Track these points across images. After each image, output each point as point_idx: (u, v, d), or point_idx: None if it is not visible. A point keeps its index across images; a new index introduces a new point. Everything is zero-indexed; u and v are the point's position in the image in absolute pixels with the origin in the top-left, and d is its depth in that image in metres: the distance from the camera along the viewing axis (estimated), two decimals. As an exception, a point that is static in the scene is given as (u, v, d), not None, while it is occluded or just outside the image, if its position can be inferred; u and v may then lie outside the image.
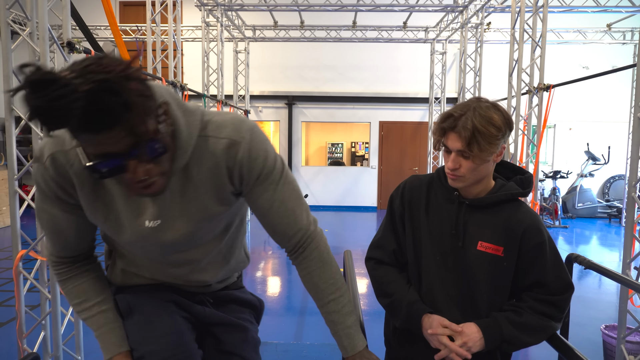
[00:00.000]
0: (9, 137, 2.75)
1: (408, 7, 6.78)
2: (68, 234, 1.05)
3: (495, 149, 1.22)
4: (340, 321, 1.11)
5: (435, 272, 1.34)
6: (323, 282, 1.11)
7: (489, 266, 1.30)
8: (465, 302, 1.32)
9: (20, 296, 2.81)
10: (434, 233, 1.35)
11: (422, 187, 1.40)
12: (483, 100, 1.25)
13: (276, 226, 1.09)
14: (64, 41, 2.83)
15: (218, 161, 0.99)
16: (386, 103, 10.54)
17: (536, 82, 4.67)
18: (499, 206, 1.32)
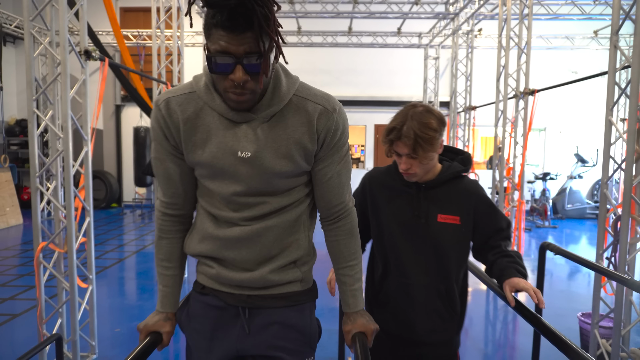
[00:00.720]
0: (31, 138, 2.98)
1: (401, 15, 7.05)
2: (176, 179, 1.24)
3: (436, 147, 1.49)
4: (350, 283, 1.34)
5: (403, 248, 1.61)
6: (347, 250, 1.34)
7: (451, 234, 1.59)
8: (431, 267, 1.60)
9: (41, 285, 3.03)
10: (398, 214, 1.62)
11: (382, 177, 1.70)
12: (418, 105, 1.52)
13: (326, 194, 1.27)
14: (81, 49, 3.06)
15: (311, 119, 1.17)
16: (381, 107, 10.81)
17: (522, 87, 4.94)
18: (448, 183, 1.61)
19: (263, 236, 1.22)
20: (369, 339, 1.29)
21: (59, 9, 2.88)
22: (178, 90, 1.18)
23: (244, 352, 1.27)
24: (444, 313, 1.62)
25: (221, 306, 1.27)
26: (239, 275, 1.23)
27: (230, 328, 1.26)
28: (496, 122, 5.21)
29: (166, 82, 4.75)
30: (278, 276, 1.25)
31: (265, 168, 1.16)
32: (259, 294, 1.25)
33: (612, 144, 3.18)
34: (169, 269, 1.32)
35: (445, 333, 1.65)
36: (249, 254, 1.22)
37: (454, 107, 7.20)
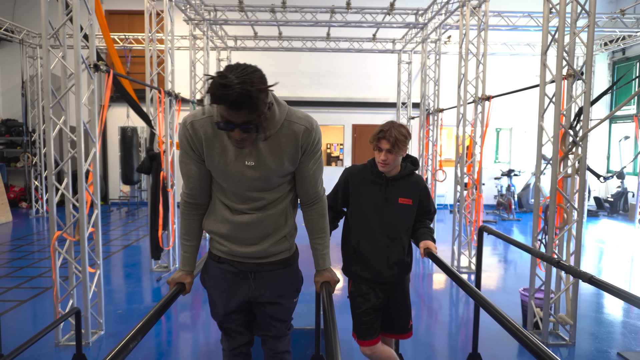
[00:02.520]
0: (48, 140, 3.42)
1: (375, 24, 7.62)
2: (196, 178, 1.72)
3: (405, 149, 2.25)
4: (320, 249, 1.91)
5: (374, 219, 2.35)
6: (318, 226, 1.90)
7: (406, 212, 2.38)
8: (392, 233, 2.36)
9: (56, 268, 3.48)
10: (372, 197, 2.35)
11: (360, 172, 2.42)
12: (395, 122, 2.28)
13: (305, 186, 1.80)
14: (90, 63, 3.51)
15: (297, 137, 1.66)
16: (358, 107, 11.39)
17: (480, 93, 5.55)
18: (405, 178, 2.39)
19: (264, 221, 1.75)
20: (332, 287, 1.89)
21: (73, 28, 3.33)
22: (198, 115, 1.67)
23: (254, 299, 1.87)
24: (400, 262, 2.38)
25: (234, 271, 1.81)
26: (246, 249, 1.77)
27: (242, 285, 1.83)
28: (457, 124, 5.82)
29: (158, 88, 5.19)
30: (275, 248, 1.79)
31: (264, 173, 1.68)
32: (261, 262, 1.80)
33: (542, 145, 3.80)
34: (188, 241, 1.86)
35: (401, 275, 2.41)
36: (254, 233, 1.75)
37: (423, 109, 7.80)
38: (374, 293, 2.38)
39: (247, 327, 1.97)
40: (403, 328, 2.47)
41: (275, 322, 1.91)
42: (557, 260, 2.17)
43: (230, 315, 1.90)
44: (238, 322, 1.93)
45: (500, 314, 1.48)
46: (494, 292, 5.02)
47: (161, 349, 3.58)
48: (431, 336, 3.86)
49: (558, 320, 3.73)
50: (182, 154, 1.72)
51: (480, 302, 1.62)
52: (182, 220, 1.84)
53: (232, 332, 1.96)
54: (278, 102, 1.64)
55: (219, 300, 1.88)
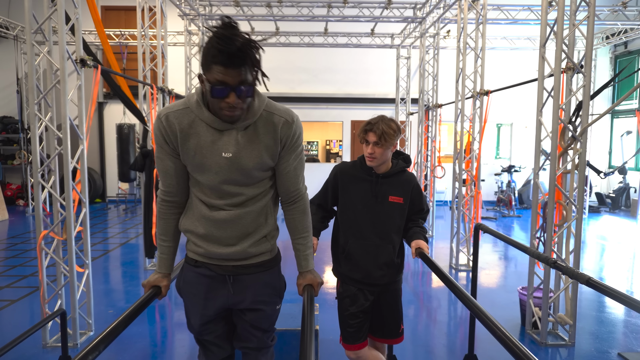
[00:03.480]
0: (33, 137, 3.33)
1: (373, 18, 7.51)
2: (172, 174, 1.64)
3: (393, 142, 2.16)
4: (302, 250, 1.80)
5: (364, 218, 2.25)
6: (300, 225, 1.79)
7: (396, 210, 2.27)
8: (382, 233, 2.26)
9: (43, 268, 3.40)
10: (361, 195, 2.26)
11: (349, 169, 2.33)
12: (385, 116, 2.19)
13: (285, 182, 1.70)
14: (77, 58, 3.42)
15: (276, 129, 1.58)
16: (357, 103, 11.28)
17: (479, 88, 5.45)
18: (396, 175, 2.29)
19: (242, 219, 1.63)
20: (315, 289, 1.78)
21: (57, 23, 3.24)
22: (174, 107, 1.59)
23: (233, 306, 1.73)
24: (390, 263, 2.28)
25: (211, 275, 1.69)
26: (224, 249, 1.64)
27: (220, 291, 1.70)
28: (455, 120, 5.72)
29: (151, 84, 5.10)
30: (254, 249, 1.67)
31: (242, 164, 1.58)
32: (241, 264, 1.68)
33: (541, 140, 3.70)
34: (165, 242, 1.76)
35: (391, 276, 2.32)
36: (232, 232, 1.63)
37: (421, 105, 7.70)
38: (362, 295, 2.29)
39: (226, 339, 1.84)
40: (394, 332, 2.37)
41: (257, 332, 1.78)
42: (554, 261, 2.08)
43: (207, 326, 1.77)
44: (216, 333, 1.80)
45: (491, 321, 1.39)
46: (492, 291, 4.94)
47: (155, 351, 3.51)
48: (428, 336, 3.78)
49: (557, 320, 3.65)
50: (157, 149, 1.63)
51: (470, 307, 1.54)
52: (159, 219, 1.75)
53: (210, 345, 1.83)
54: (257, 91, 1.56)
55: (195, 309, 1.75)
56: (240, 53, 1.33)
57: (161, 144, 1.61)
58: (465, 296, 1.62)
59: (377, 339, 2.40)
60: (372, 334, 2.39)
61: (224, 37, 1.31)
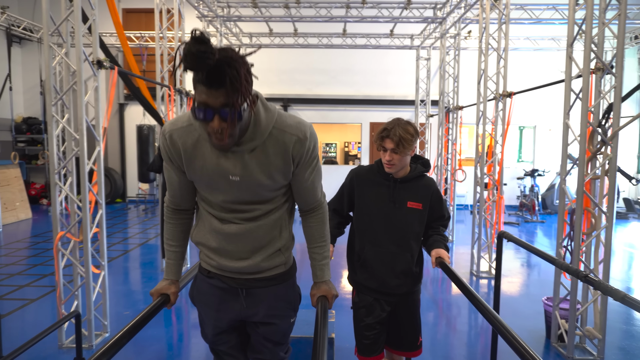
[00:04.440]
0: (50, 139, 3.34)
1: (392, 19, 7.39)
2: (176, 187, 1.59)
3: (411, 147, 2.06)
4: (319, 259, 1.73)
5: (380, 224, 2.15)
6: (318, 234, 1.72)
7: (415, 217, 2.17)
8: (400, 240, 2.16)
9: (59, 270, 3.41)
10: (377, 200, 2.17)
11: (366, 174, 2.24)
12: (402, 119, 2.08)
13: (303, 196, 1.62)
14: (94, 59, 3.42)
15: (287, 148, 1.46)
16: (376, 105, 11.16)
17: (502, 90, 5.29)
18: (415, 180, 2.19)
19: (255, 232, 1.55)
20: (329, 301, 1.69)
21: (74, 24, 3.24)
22: (178, 123, 1.49)
23: (246, 318, 1.68)
24: (408, 272, 2.18)
25: (224, 287, 1.64)
26: (236, 263, 1.58)
27: (232, 303, 1.64)
28: (477, 122, 5.56)
29: (168, 86, 5.10)
30: (268, 262, 1.60)
31: (251, 187, 1.49)
32: (254, 277, 1.61)
33: (568, 144, 3.54)
34: (172, 246, 1.71)
35: (409, 286, 2.22)
36: (244, 246, 1.56)
37: (442, 107, 7.53)
38: (379, 305, 2.20)
39: (240, 350, 1.79)
40: (412, 345, 2.27)
41: (270, 345, 1.73)
42: (585, 274, 1.95)
43: (221, 336, 1.73)
44: (230, 343, 1.75)
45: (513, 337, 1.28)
46: (515, 300, 4.76)
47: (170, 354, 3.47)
48: (447, 346, 3.65)
49: (585, 333, 3.48)
50: (164, 159, 1.57)
51: (492, 321, 1.43)
52: (166, 223, 1.70)
53: (224, 355, 1.78)
54: (266, 106, 1.44)
55: (208, 319, 1.71)
56: (219, 71, 1.17)
57: (166, 159, 1.55)
58: (486, 309, 1.52)
59: (394, 352, 2.30)
60: (388, 345, 2.30)
61: (192, 54, 1.14)
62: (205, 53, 1.13)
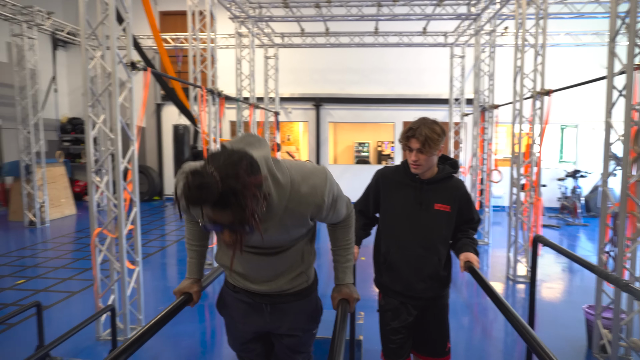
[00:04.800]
0: (87, 138, 3.47)
1: (424, 17, 7.25)
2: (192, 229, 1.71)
3: (438, 147, 2.00)
4: (342, 262, 1.73)
5: (406, 226, 2.11)
6: (342, 237, 1.72)
7: (443, 219, 2.11)
8: (426, 243, 2.10)
9: (97, 265, 3.53)
10: (404, 201, 2.12)
11: (392, 174, 2.20)
12: (428, 118, 2.03)
13: (330, 221, 1.65)
14: (128, 61, 3.52)
15: (305, 215, 1.46)
16: (409, 104, 10.98)
17: (539, 87, 5.08)
18: (443, 181, 2.13)
19: (278, 262, 1.59)
20: (350, 305, 1.69)
21: (109, 27, 3.35)
22: None
23: (270, 331, 1.75)
24: (435, 276, 2.12)
25: (249, 302, 1.70)
26: (260, 287, 1.64)
27: (257, 316, 1.70)
28: (513, 121, 5.37)
29: (201, 86, 5.20)
30: (290, 284, 1.65)
31: (272, 244, 1.53)
32: (277, 294, 1.66)
33: (611, 144, 3.35)
34: (193, 245, 1.75)
35: (437, 290, 2.16)
36: (267, 273, 1.61)
37: (477, 106, 7.32)
38: (405, 309, 2.15)
39: (265, 357, 1.86)
40: (439, 350, 2.21)
41: (294, 354, 1.79)
42: (626, 283, 1.84)
43: (246, 345, 1.81)
44: (255, 352, 1.83)
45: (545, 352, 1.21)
46: (555, 306, 4.56)
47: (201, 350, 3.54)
48: (482, 353, 3.54)
49: (630, 345, 3.28)
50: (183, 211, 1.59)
51: (523, 334, 1.36)
52: (186, 222, 1.74)
53: None
54: (277, 182, 1.35)
55: (233, 330, 1.79)
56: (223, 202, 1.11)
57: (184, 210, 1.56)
58: (514, 317, 1.45)
59: (421, 357, 2.25)
60: (415, 350, 2.25)
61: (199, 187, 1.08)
62: (205, 195, 1.09)
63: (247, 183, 1.12)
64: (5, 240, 7.13)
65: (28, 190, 8.16)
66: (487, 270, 5.90)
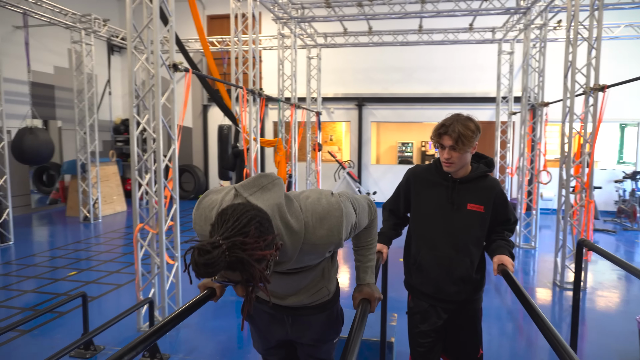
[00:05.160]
0: (132, 138, 3.63)
1: (470, 12, 7.01)
2: None
3: (472, 145, 1.91)
4: (364, 262, 1.71)
5: (438, 226, 2.04)
6: (364, 237, 1.70)
7: (476, 219, 2.03)
8: (458, 244, 2.01)
9: (138, 259, 3.69)
10: (436, 200, 2.05)
11: (423, 173, 2.13)
12: (461, 114, 1.94)
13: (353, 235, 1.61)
14: (170, 63, 3.65)
15: (322, 252, 1.43)
16: (455, 103, 10.66)
17: (592, 83, 4.78)
18: (476, 180, 2.05)
19: (298, 280, 1.60)
20: (371, 304, 1.66)
21: (153, 31, 3.48)
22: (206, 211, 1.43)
23: (292, 339, 1.78)
24: (467, 278, 2.04)
25: (271, 313, 1.73)
26: (281, 301, 1.66)
27: (279, 327, 1.74)
28: (563, 120, 5.08)
29: (242, 87, 5.31)
30: (311, 299, 1.66)
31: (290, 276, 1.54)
32: (299, 307, 1.68)
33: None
34: None
35: (469, 294, 2.07)
36: (288, 289, 1.63)
37: (525, 104, 7.00)
38: (435, 312, 2.09)
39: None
40: (470, 356, 2.12)
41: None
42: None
43: (270, 350, 1.87)
44: (280, 355, 1.89)
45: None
46: (606, 316, 4.27)
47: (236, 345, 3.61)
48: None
49: (686, 359, 3.02)
50: None
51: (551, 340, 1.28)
52: None
53: None
54: (290, 229, 1.32)
55: (257, 337, 1.84)
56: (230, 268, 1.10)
57: None
58: (547, 326, 1.36)
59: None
60: (445, 355, 2.18)
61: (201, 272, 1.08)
62: (213, 271, 1.08)
63: (255, 251, 1.10)
64: (63, 235, 7.61)
65: (83, 188, 8.67)
66: (533, 276, 5.63)
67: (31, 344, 3.52)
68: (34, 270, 5.43)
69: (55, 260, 5.89)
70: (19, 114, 8.23)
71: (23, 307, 4.29)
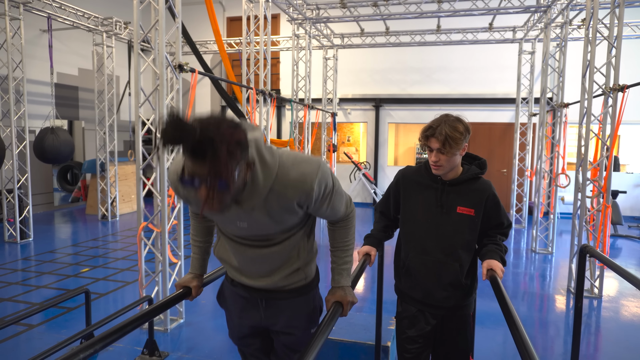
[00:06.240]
0: (137, 137, 3.68)
1: (488, 11, 6.86)
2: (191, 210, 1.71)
3: (460, 147, 1.85)
4: (339, 263, 1.65)
5: (426, 230, 1.98)
6: (340, 238, 1.65)
7: (466, 223, 1.96)
8: (447, 248, 1.96)
9: (142, 257, 3.73)
10: (425, 203, 1.99)
11: (413, 175, 2.08)
12: (450, 115, 1.88)
13: (326, 217, 1.60)
14: (175, 64, 3.69)
15: (291, 202, 1.40)
16: (474, 104, 10.46)
17: (612, 83, 4.60)
18: (467, 183, 1.98)
19: (271, 257, 1.55)
20: (344, 308, 1.60)
21: (159, 30, 3.52)
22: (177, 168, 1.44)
23: (267, 327, 1.72)
24: (456, 284, 1.97)
25: (246, 297, 1.68)
26: (255, 282, 1.61)
27: (253, 312, 1.68)
28: (580, 121, 4.90)
29: (252, 87, 5.33)
30: (286, 281, 1.60)
31: (261, 231, 1.48)
32: (273, 290, 1.62)
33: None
34: (197, 241, 1.77)
35: (458, 299, 2.01)
36: (261, 268, 1.58)
37: (544, 104, 6.80)
38: (423, 317, 2.03)
39: (264, 352, 1.83)
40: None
41: (291, 353, 1.74)
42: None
43: (245, 339, 1.80)
44: (255, 346, 1.81)
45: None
46: (629, 327, 4.07)
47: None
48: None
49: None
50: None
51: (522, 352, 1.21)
52: (191, 219, 1.77)
53: (249, 356, 1.85)
54: (264, 162, 1.33)
55: (233, 323, 1.79)
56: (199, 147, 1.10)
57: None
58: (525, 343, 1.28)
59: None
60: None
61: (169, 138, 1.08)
62: (182, 136, 1.08)
63: (226, 135, 1.11)
64: (80, 232, 7.80)
65: (102, 187, 8.87)
66: (548, 282, 5.45)
67: (36, 339, 3.60)
68: (49, 267, 5.58)
69: (70, 257, 6.04)
70: (43, 115, 8.49)
71: (34, 302, 4.40)
